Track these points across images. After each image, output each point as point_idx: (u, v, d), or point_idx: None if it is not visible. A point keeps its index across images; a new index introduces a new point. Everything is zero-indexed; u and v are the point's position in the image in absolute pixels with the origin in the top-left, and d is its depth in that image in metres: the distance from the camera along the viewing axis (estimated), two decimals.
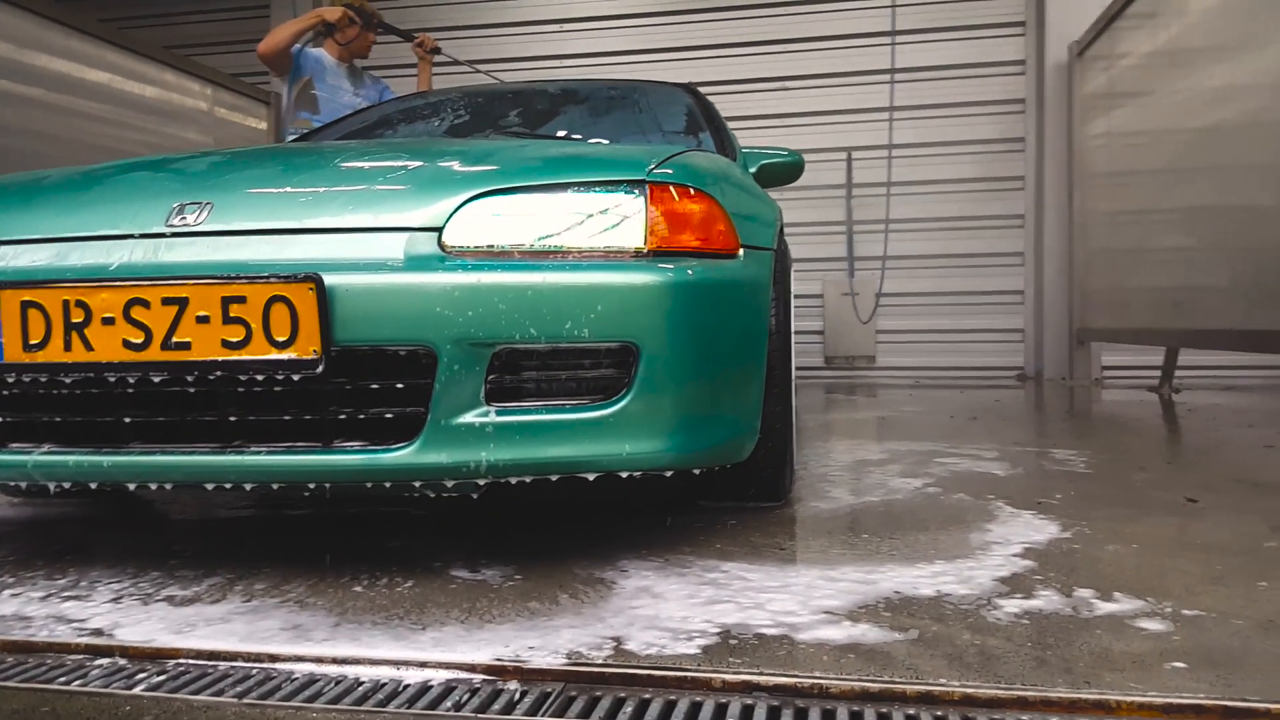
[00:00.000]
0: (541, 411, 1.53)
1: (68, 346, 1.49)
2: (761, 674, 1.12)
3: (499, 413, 1.51)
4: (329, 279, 1.45)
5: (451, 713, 1.06)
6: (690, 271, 1.60)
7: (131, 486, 1.59)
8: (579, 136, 2.94)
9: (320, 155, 1.86)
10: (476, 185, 1.62)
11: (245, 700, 1.09)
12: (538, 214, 1.60)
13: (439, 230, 1.56)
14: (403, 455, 1.50)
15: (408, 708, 1.07)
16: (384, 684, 1.14)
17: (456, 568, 1.64)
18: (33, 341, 1.50)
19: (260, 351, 1.46)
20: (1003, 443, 3.19)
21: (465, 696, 1.10)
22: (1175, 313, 4.89)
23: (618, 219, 1.60)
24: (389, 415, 1.52)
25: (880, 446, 3.06)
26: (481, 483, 1.56)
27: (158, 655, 1.25)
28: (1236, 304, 4.16)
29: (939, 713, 1.02)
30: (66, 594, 1.52)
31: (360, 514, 2.15)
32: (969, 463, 2.73)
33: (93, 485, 1.59)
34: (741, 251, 1.75)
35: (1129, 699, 1.02)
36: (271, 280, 1.45)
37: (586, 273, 1.53)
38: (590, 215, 1.61)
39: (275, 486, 1.56)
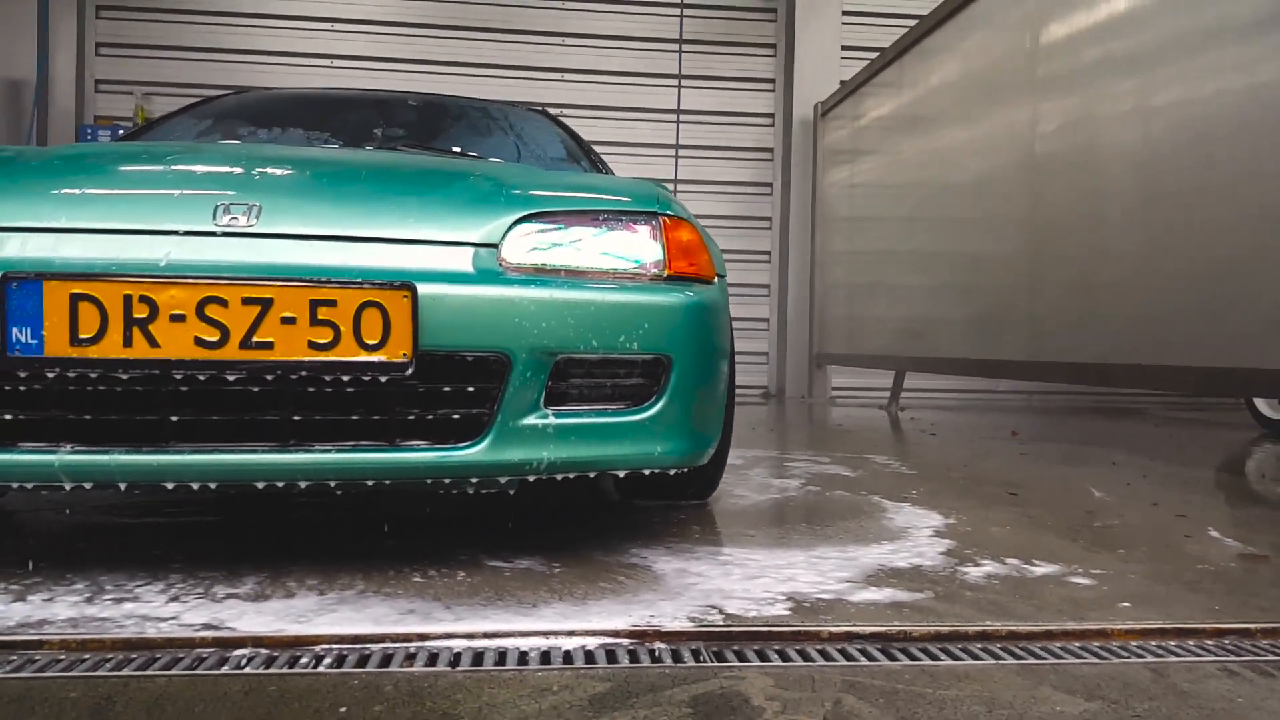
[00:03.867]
0: (591, 415, 1.72)
1: (127, 342, 1.46)
2: (855, 625, 1.39)
3: (556, 415, 1.68)
4: (420, 287, 1.55)
5: (631, 665, 1.23)
6: (700, 294, 1.86)
7: (170, 486, 1.56)
8: (475, 154, 3.05)
9: (354, 163, 1.90)
10: (522, 206, 1.77)
11: (459, 669, 1.19)
12: (576, 237, 1.79)
13: (496, 247, 1.70)
14: (474, 453, 1.62)
15: (588, 664, 1.23)
16: (547, 651, 1.29)
17: (488, 560, 1.76)
18: (83, 336, 1.45)
19: (349, 353, 1.52)
20: (821, 450, 3.69)
21: (627, 654, 1.28)
22: (907, 341, 5.77)
23: (643, 246, 1.83)
24: (456, 416, 1.63)
25: (731, 454, 3.42)
26: (531, 479, 1.71)
27: (297, 643, 1.30)
28: (961, 336, 5.02)
29: (998, 646, 1.35)
30: (109, 596, 1.48)
31: (277, 519, 2.16)
32: (816, 466, 3.17)
33: (121, 486, 1.55)
34: (716, 278, 2.03)
35: (1116, 627, 1.42)
36: (365, 286, 1.52)
37: (634, 293, 1.74)
38: (621, 241, 1.82)
39: (333, 484, 1.61)
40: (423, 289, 1.55)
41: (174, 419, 1.52)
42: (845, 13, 7.75)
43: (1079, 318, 3.92)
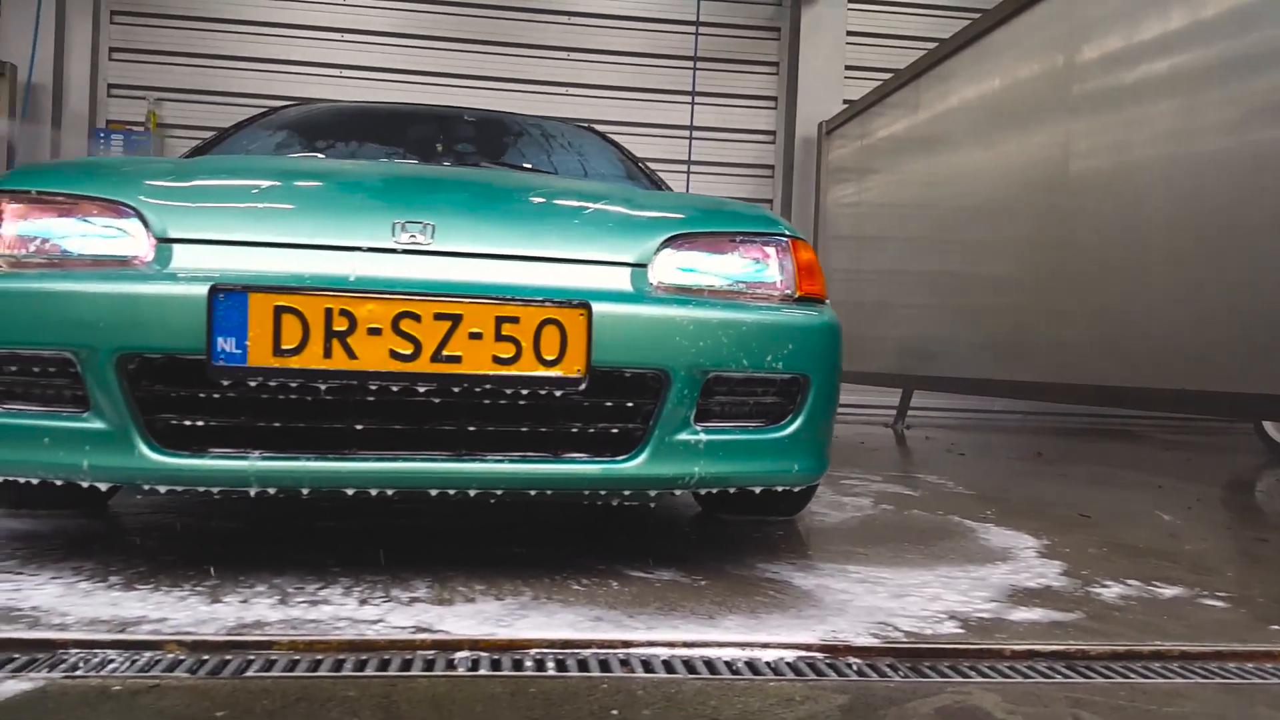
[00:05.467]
0: (736, 432, 1.77)
1: (327, 354, 1.49)
2: (1034, 644, 1.45)
3: (705, 431, 1.73)
4: (594, 306, 1.59)
5: (842, 678, 1.29)
6: (828, 314, 1.92)
7: (350, 492, 1.59)
8: (550, 170, 3.07)
9: (506, 185, 1.95)
10: (666, 228, 1.83)
11: (694, 676, 1.24)
12: (715, 259, 1.85)
13: (645, 267, 1.75)
14: (632, 467, 1.67)
15: (799, 676, 1.28)
16: (751, 661, 1.33)
17: (627, 570, 1.81)
18: (285, 347, 1.48)
19: (528, 368, 1.56)
20: (864, 468, 3.76)
21: (827, 666, 1.33)
22: (918, 360, 5.87)
23: (776, 268, 1.90)
24: (615, 430, 1.68)
25: None
26: (677, 493, 1.76)
27: (512, 646, 1.34)
28: (977, 356, 5.12)
29: (1176, 665, 1.42)
30: (300, 599, 1.51)
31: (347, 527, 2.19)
32: (873, 485, 3.24)
33: (304, 491, 1.57)
34: (827, 298, 2.09)
35: None
36: (546, 304, 1.57)
37: (778, 313, 1.80)
38: (756, 263, 1.89)
39: (499, 492, 1.65)
40: (596, 307, 1.60)
41: (358, 427, 1.56)
42: (850, 34, 7.88)
43: (1107, 341, 4.02)
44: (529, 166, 3.03)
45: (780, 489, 1.89)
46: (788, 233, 1.96)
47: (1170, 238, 3.64)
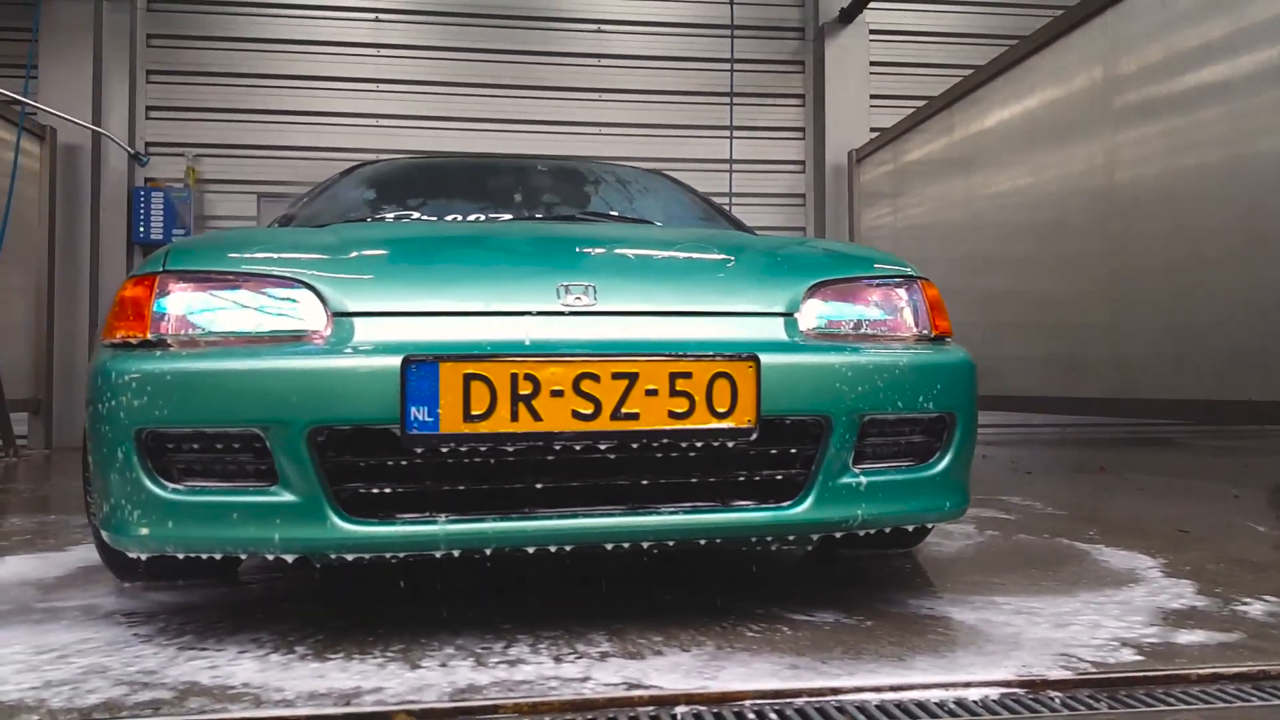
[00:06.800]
0: (891, 472, 1.81)
1: (514, 417, 1.55)
2: (1216, 667, 1.49)
3: (864, 473, 1.77)
4: (762, 357, 1.65)
5: (1051, 714, 1.33)
6: (965, 352, 1.97)
7: (531, 550, 1.63)
8: (634, 217, 3.12)
9: (645, 241, 2.02)
10: (807, 277, 1.88)
11: None
12: (855, 304, 1.91)
13: (794, 315, 1.81)
14: (799, 512, 1.71)
15: (1012, 714, 1.32)
16: (959, 701, 1.37)
17: (787, 614, 1.84)
18: (475, 412, 1.53)
19: (701, 421, 1.62)
20: None
21: (1033, 702, 1.37)
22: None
23: (911, 309, 1.95)
24: (780, 476, 1.72)
25: None
26: (839, 535, 1.80)
27: (725, 699, 1.38)
28: (1033, 374, 5.15)
29: None
30: (496, 660, 1.55)
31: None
32: (970, 509, 3.27)
33: (487, 551, 1.62)
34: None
35: None
36: (716, 358, 1.62)
37: (924, 354, 1.86)
38: (893, 305, 1.94)
39: (671, 544, 1.70)
40: (764, 358, 1.65)
41: (538, 486, 1.61)
42: (873, 64, 8.00)
43: (1170, 353, 4.04)
44: (616, 213, 3.06)
45: (930, 525, 1.93)
46: (914, 273, 2.01)
47: (1233, 245, 3.67)
